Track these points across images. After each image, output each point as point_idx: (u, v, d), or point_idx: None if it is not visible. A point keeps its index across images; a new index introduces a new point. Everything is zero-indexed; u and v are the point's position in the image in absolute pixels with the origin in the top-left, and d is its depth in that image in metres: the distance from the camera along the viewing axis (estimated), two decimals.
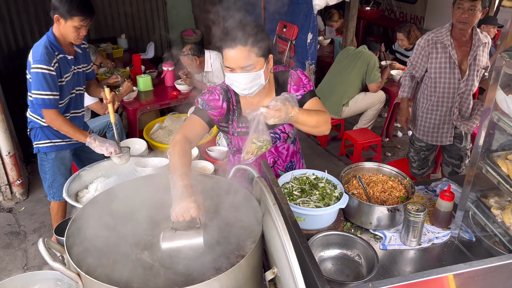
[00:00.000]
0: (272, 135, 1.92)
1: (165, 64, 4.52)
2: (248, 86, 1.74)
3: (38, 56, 2.47)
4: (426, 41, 2.99)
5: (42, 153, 2.82)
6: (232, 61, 1.69)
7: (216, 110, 1.86)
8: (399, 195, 1.88)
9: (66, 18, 2.45)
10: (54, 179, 2.89)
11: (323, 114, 1.76)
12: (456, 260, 1.68)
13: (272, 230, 1.32)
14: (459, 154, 3.24)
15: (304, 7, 4.91)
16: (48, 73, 2.47)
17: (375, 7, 7.74)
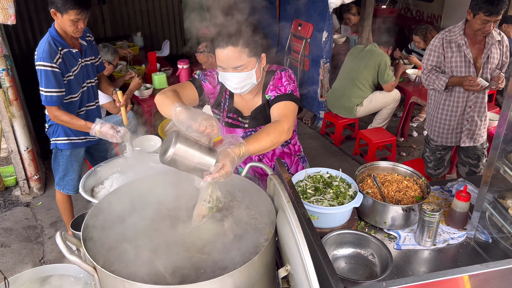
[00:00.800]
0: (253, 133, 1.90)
1: (180, 62, 4.55)
2: (239, 85, 1.77)
3: (40, 53, 2.49)
4: (440, 40, 2.96)
5: (56, 149, 2.89)
6: (223, 61, 1.72)
7: (210, 85, 1.91)
8: (414, 195, 1.87)
9: (62, 12, 2.44)
10: (66, 173, 2.96)
11: (274, 129, 1.62)
12: (472, 261, 1.65)
13: (285, 227, 1.32)
14: (476, 154, 3.19)
15: (320, 5, 4.89)
16: (50, 70, 2.49)
17: (391, 6, 7.66)
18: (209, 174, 1.35)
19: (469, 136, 3.09)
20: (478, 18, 2.73)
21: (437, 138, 3.20)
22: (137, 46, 5.76)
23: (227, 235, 1.53)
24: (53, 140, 2.86)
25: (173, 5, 7.55)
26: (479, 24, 2.74)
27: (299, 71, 5.47)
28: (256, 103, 1.93)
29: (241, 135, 1.96)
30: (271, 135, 1.58)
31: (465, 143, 3.11)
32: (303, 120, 5.51)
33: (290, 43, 5.60)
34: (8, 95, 3.53)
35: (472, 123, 3.04)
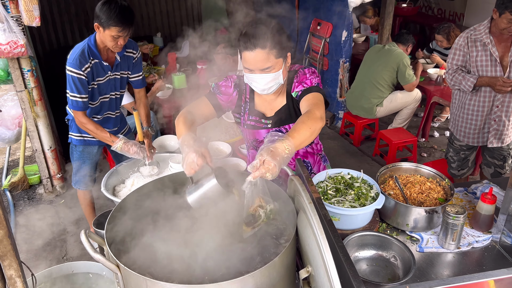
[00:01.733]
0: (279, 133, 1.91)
1: (200, 63, 4.58)
2: (267, 86, 1.77)
3: (71, 59, 2.55)
4: (465, 39, 2.90)
5: (71, 144, 2.96)
6: (251, 63, 1.71)
7: (225, 96, 1.91)
8: (437, 197, 1.84)
9: (105, 27, 2.49)
10: (78, 169, 3.02)
11: (308, 117, 1.60)
12: (497, 265, 1.62)
13: (307, 228, 1.31)
14: (502, 154, 3.11)
15: (339, 4, 4.86)
16: (77, 76, 2.55)
17: (412, 4, 7.54)
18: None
19: (497, 136, 3.02)
20: (504, 17, 2.66)
21: (463, 138, 3.14)
22: (157, 47, 5.82)
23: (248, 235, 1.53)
24: (70, 134, 2.94)
25: (193, 5, 7.60)
26: (505, 24, 2.68)
27: (318, 71, 5.44)
28: (280, 103, 1.93)
29: (265, 135, 1.94)
30: (307, 123, 1.56)
31: (493, 143, 3.04)
32: None
33: (309, 42, 5.58)
34: (33, 95, 3.61)
35: (500, 123, 2.97)
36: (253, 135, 1.99)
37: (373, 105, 4.50)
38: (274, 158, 1.34)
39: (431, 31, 5.42)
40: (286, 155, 1.39)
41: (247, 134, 2.03)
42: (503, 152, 3.10)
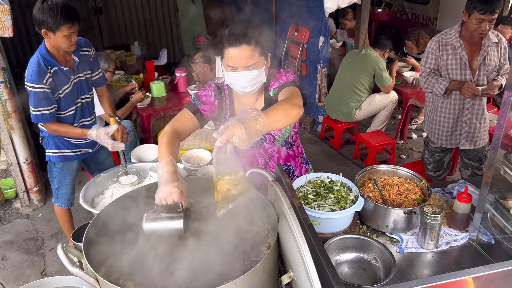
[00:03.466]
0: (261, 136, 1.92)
1: (178, 70, 4.56)
2: (250, 83, 1.77)
3: (29, 74, 2.47)
4: (436, 43, 2.96)
5: (49, 162, 2.89)
6: (235, 60, 1.71)
7: (207, 105, 1.90)
8: (415, 198, 1.86)
9: (54, 30, 2.40)
10: (59, 186, 2.96)
11: (286, 102, 1.62)
12: (475, 263, 1.65)
13: (287, 234, 1.32)
14: (477, 156, 3.17)
15: (316, 11, 4.92)
16: (40, 91, 2.48)
17: (386, 9, 7.69)
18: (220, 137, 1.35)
19: (468, 138, 3.07)
20: (473, 17, 2.72)
21: (437, 140, 3.20)
22: (134, 55, 5.78)
23: (229, 243, 1.53)
24: (46, 152, 2.86)
25: (170, 13, 7.59)
26: (474, 24, 2.73)
27: (297, 76, 5.48)
28: (259, 105, 1.94)
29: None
30: (283, 105, 1.58)
31: (465, 145, 3.10)
32: (302, 125, 5.52)
33: (287, 48, 5.62)
34: (7, 108, 3.53)
35: (471, 125, 3.03)
36: None
37: (352, 109, 4.56)
38: (242, 123, 1.35)
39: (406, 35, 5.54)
40: (258, 127, 1.40)
41: None
42: (478, 154, 3.15)
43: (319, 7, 4.79)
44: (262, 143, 2.01)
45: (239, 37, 1.68)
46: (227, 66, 1.76)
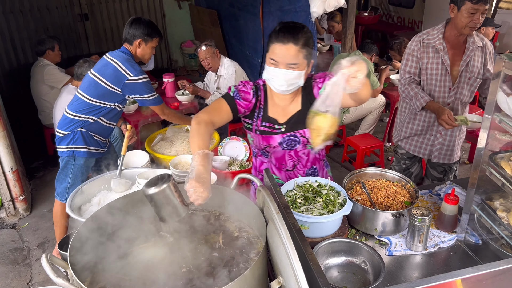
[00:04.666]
0: (292, 138, 1.96)
1: (166, 76, 4.54)
2: (287, 83, 1.79)
3: (138, 69, 2.83)
4: (417, 43, 2.70)
5: (69, 157, 2.94)
6: (279, 56, 1.74)
7: (244, 101, 1.90)
8: (403, 200, 1.87)
9: (147, 41, 2.90)
10: (73, 183, 2.99)
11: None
12: (463, 264, 1.66)
13: (276, 239, 1.31)
14: (443, 167, 2.95)
15: (302, 15, 4.93)
16: (148, 80, 2.89)
17: (372, 13, 7.77)
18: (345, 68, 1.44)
19: (442, 151, 2.84)
20: (464, 9, 2.45)
21: (405, 145, 2.96)
22: None
23: (218, 249, 1.51)
24: (70, 147, 2.92)
25: (157, 19, 7.56)
26: (466, 17, 2.46)
27: None
28: (294, 109, 1.95)
29: (279, 141, 1.96)
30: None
31: (437, 158, 2.87)
32: None
33: None
34: None
35: (446, 137, 2.80)
36: (267, 140, 1.98)
37: (340, 112, 4.58)
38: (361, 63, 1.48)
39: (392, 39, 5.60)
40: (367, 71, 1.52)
41: (259, 140, 2.01)
42: (444, 166, 2.95)
43: (305, 12, 4.81)
44: (295, 145, 2.01)
45: (288, 35, 1.73)
46: (269, 60, 1.78)
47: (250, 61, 6.59)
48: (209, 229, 1.63)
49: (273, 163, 2.09)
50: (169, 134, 3.50)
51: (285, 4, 5.23)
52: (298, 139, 1.96)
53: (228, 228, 1.63)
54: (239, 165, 3.07)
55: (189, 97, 4.41)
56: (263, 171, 2.03)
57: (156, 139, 3.40)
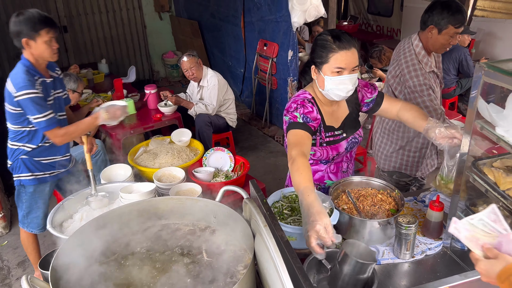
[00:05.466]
0: (354, 141, 2.08)
1: (148, 87, 4.51)
2: (352, 87, 1.85)
3: (21, 83, 2.43)
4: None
5: (19, 186, 2.78)
6: (346, 62, 1.80)
7: (315, 121, 1.92)
8: (389, 208, 1.88)
9: (34, 37, 2.43)
10: (29, 211, 2.85)
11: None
12: (450, 270, 1.66)
13: (264, 252, 1.29)
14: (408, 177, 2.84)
15: (283, 25, 4.98)
16: (36, 96, 2.44)
17: (352, 22, 7.89)
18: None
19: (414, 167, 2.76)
20: (446, 32, 2.43)
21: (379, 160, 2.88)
22: (102, 73, 5.68)
23: (205, 263, 1.49)
24: (16, 177, 2.75)
25: (138, 30, 7.53)
26: (446, 40, 2.45)
27: (268, 90, 5.51)
28: (343, 113, 2.05)
29: (345, 146, 2.04)
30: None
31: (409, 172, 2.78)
32: (275, 138, 5.53)
33: (257, 63, 5.65)
34: None
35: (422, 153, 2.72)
36: (336, 149, 2.02)
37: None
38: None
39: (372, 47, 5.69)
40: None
41: (327, 151, 2.02)
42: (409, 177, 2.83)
43: (286, 22, 4.86)
44: (354, 147, 2.10)
45: (347, 42, 1.79)
46: (333, 69, 1.81)
47: (232, 72, 6.60)
48: (194, 243, 1.60)
49: (331, 169, 2.14)
50: (152, 146, 3.45)
51: (266, 15, 5.27)
52: (357, 140, 2.09)
53: (214, 242, 1.60)
54: (224, 176, 3.05)
55: (171, 108, 4.38)
56: (318, 180, 2.13)
57: (139, 152, 3.36)
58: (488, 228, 1.13)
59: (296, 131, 1.84)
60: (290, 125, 1.87)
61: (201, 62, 4.38)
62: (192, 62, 4.26)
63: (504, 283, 1.03)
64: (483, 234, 1.14)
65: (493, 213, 1.12)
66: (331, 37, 1.81)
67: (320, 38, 1.85)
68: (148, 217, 1.69)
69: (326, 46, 1.81)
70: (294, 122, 1.86)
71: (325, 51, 1.81)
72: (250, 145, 5.44)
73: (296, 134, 1.83)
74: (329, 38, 1.81)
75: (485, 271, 1.10)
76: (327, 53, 1.81)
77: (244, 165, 3.12)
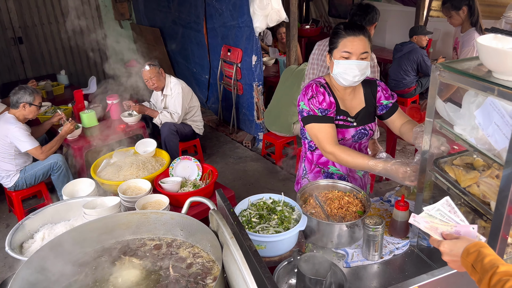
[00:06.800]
0: (363, 131, 2.14)
1: (109, 98, 4.39)
2: (359, 73, 1.94)
3: None
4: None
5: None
6: (353, 47, 1.91)
7: (331, 108, 2.03)
8: (356, 210, 1.89)
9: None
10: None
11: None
12: (418, 269, 1.69)
13: (232, 263, 1.26)
14: None
15: (246, 30, 4.98)
16: None
17: (314, 25, 7.99)
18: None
19: None
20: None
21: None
22: (62, 85, 5.50)
23: (172, 279, 1.44)
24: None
25: (98, 39, 7.34)
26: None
27: (234, 96, 5.49)
28: (359, 105, 2.12)
29: (352, 133, 2.12)
30: None
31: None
32: (243, 143, 5.51)
33: (221, 68, 5.62)
34: None
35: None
36: (342, 133, 2.10)
37: (291, 123, 4.63)
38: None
39: None
40: None
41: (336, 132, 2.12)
42: None
43: (249, 27, 4.86)
44: (363, 138, 2.16)
45: (357, 29, 1.92)
46: (341, 54, 1.92)
47: (197, 78, 6.55)
48: (161, 258, 1.55)
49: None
50: (115, 158, 3.36)
51: (228, 20, 5.26)
52: (367, 132, 2.15)
53: (182, 255, 1.56)
54: (192, 185, 3.00)
55: (136, 118, 4.29)
56: (322, 164, 2.21)
57: (102, 165, 3.25)
58: (446, 218, 1.25)
59: (320, 126, 2.00)
60: (310, 118, 2.02)
61: (162, 71, 4.31)
62: (153, 72, 4.20)
63: (468, 256, 1.13)
64: (441, 223, 1.26)
65: (448, 204, 1.24)
66: (343, 25, 1.96)
67: (335, 27, 1.99)
68: (112, 233, 1.63)
69: (337, 32, 1.96)
70: (314, 115, 2.01)
71: (336, 37, 1.96)
72: (219, 152, 5.40)
73: (325, 129, 1.99)
74: (341, 26, 1.96)
75: (449, 249, 1.20)
76: (337, 38, 1.95)
77: (212, 173, 3.08)
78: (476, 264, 1.11)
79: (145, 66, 4.19)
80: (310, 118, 2.02)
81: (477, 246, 1.14)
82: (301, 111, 2.07)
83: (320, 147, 2.01)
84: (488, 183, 1.46)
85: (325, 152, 1.99)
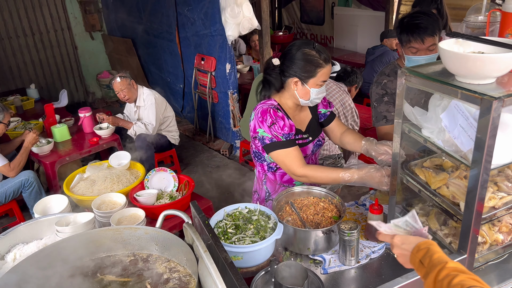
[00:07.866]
0: (318, 143, 2.19)
1: (81, 110, 4.31)
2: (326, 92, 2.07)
3: None
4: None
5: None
6: (328, 74, 1.96)
7: (293, 131, 2.02)
8: (332, 215, 1.90)
9: None
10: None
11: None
12: (394, 272, 1.70)
13: (208, 277, 1.25)
14: None
15: (219, 39, 4.98)
16: None
17: (287, 32, 8.07)
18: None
19: None
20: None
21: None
22: (32, 99, 5.38)
23: None
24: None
25: (68, 52, 7.22)
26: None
27: (209, 104, 5.48)
28: (306, 117, 2.17)
29: (312, 148, 2.16)
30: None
31: None
32: (221, 152, 5.49)
33: (195, 77, 5.60)
34: None
35: None
36: (304, 152, 2.12)
37: None
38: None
39: None
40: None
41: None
42: None
43: (221, 35, 4.86)
44: (318, 149, 2.21)
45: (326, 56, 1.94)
46: (319, 83, 1.95)
47: (171, 87, 6.50)
48: (136, 274, 1.52)
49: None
50: (89, 173, 3.28)
51: (200, 29, 5.25)
52: (321, 143, 2.21)
53: (158, 271, 1.54)
54: (169, 197, 2.96)
55: (109, 130, 4.22)
56: (287, 182, 2.19)
57: (75, 180, 3.17)
58: (409, 227, 1.30)
59: (286, 151, 1.97)
60: (275, 145, 1.97)
61: (134, 83, 4.26)
62: (123, 84, 4.14)
63: (418, 252, 1.17)
64: (404, 232, 1.31)
65: (413, 216, 1.29)
66: (315, 51, 1.92)
67: (305, 53, 1.91)
68: (85, 251, 1.59)
69: (313, 61, 1.91)
70: (278, 142, 1.97)
71: (313, 66, 1.92)
72: (196, 161, 5.36)
73: (291, 154, 1.97)
74: (314, 53, 1.91)
75: (400, 242, 1.25)
76: (315, 68, 1.92)
77: (189, 184, 3.04)
78: (424, 259, 1.14)
79: (116, 78, 4.13)
80: (275, 145, 1.97)
81: (428, 243, 1.18)
82: (262, 139, 1.99)
83: (290, 172, 1.98)
84: (457, 184, 1.49)
85: (296, 176, 1.97)
